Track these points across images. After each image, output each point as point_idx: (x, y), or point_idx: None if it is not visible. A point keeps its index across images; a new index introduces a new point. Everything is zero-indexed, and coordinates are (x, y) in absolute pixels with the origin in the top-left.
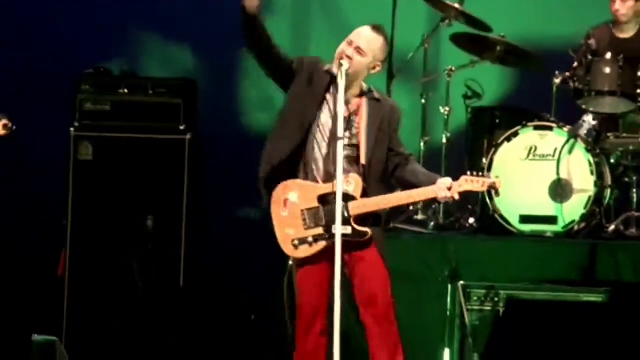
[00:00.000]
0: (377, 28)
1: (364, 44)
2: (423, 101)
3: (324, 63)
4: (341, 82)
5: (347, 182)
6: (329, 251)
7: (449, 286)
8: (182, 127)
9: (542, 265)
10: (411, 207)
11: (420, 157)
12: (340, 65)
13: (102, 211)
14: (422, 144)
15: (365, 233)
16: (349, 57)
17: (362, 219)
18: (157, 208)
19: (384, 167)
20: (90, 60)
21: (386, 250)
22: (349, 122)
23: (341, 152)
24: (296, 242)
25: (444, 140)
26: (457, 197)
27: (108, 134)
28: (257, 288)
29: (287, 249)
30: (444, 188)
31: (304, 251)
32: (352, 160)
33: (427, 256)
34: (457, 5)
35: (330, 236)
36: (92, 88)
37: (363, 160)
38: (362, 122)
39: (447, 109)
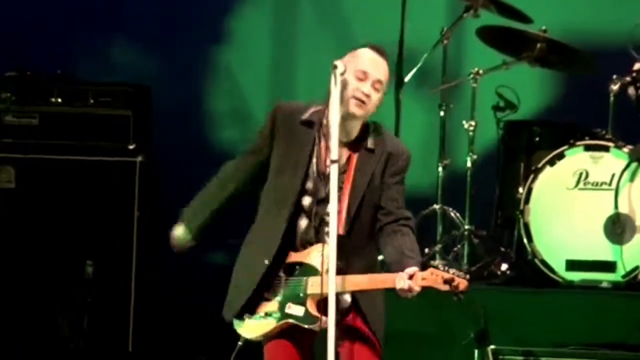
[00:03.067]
0: (382, 51)
1: (383, 76)
2: (442, 114)
3: (303, 108)
4: (335, 90)
5: (317, 254)
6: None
7: (476, 352)
8: (131, 147)
9: (595, 325)
10: (426, 250)
11: (438, 186)
12: (335, 67)
13: (26, 253)
14: (440, 169)
15: (316, 320)
16: (367, 96)
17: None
18: (98, 250)
19: (370, 237)
20: (12, 60)
21: (395, 305)
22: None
23: (335, 177)
24: (245, 315)
25: (469, 164)
26: (417, 289)
27: (35, 155)
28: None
29: (228, 317)
30: (405, 276)
31: (248, 328)
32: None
33: (447, 313)
34: None
35: (282, 315)
36: (14, 96)
37: (340, 230)
38: (348, 183)
39: (473, 123)
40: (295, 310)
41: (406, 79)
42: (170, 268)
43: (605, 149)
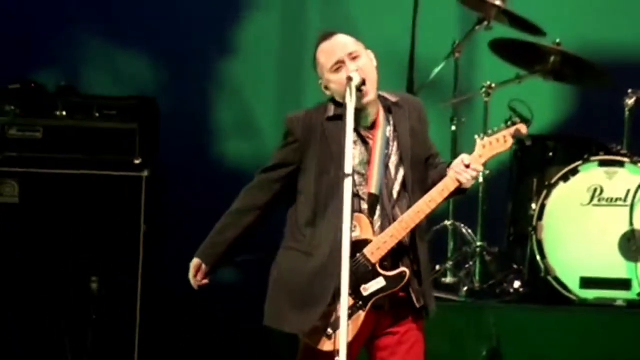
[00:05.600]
0: (330, 33)
1: (348, 47)
2: (453, 128)
3: (317, 109)
4: (350, 103)
5: (364, 226)
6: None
7: None
8: (137, 161)
9: (610, 344)
10: (437, 267)
11: (450, 202)
12: (350, 80)
13: (29, 269)
14: None
15: (402, 274)
16: (357, 71)
17: (396, 259)
18: (104, 267)
19: (423, 185)
20: (16, 72)
21: None
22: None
23: (349, 191)
24: (330, 331)
25: (481, 180)
26: (482, 169)
27: (39, 170)
28: None
29: (317, 341)
30: (462, 169)
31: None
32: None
33: (458, 331)
34: (498, 3)
35: (364, 301)
36: (19, 109)
37: (373, 189)
38: (376, 142)
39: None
40: (374, 285)
41: (417, 92)
42: (177, 285)
43: (620, 164)
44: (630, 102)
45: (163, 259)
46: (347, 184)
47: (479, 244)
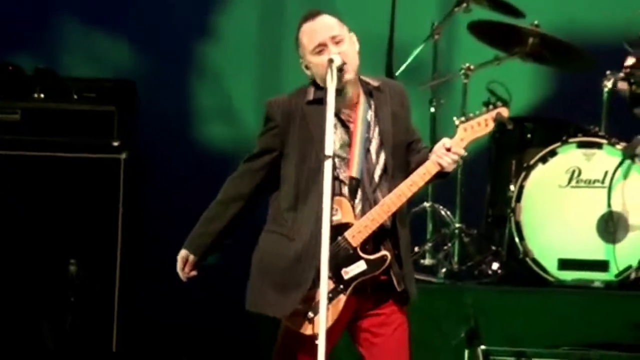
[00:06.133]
0: (315, 12)
1: (332, 29)
2: (432, 110)
3: (297, 93)
4: (331, 84)
5: (345, 209)
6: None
7: (466, 352)
8: (116, 143)
9: (588, 325)
10: (416, 248)
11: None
12: (331, 62)
13: (7, 252)
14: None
15: (384, 258)
16: (339, 54)
17: (377, 243)
18: (82, 249)
19: (405, 170)
20: None
21: None
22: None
23: (329, 173)
24: (311, 314)
25: (460, 161)
26: (463, 152)
27: (17, 152)
28: (214, 353)
29: (298, 325)
30: (443, 152)
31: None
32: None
33: (437, 313)
34: None
35: (345, 285)
36: None
37: (354, 173)
38: (357, 125)
39: (464, 119)
40: (354, 269)
41: (396, 74)
42: (156, 266)
43: (598, 146)
44: (608, 83)
45: (141, 241)
46: (327, 166)
47: (457, 225)
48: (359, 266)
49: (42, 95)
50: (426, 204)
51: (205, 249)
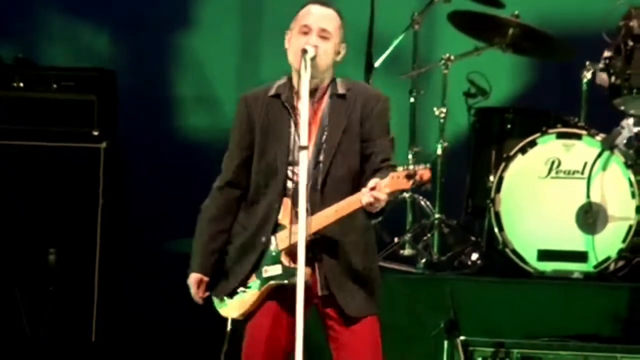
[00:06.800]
0: (324, 2)
1: (326, 23)
2: (412, 100)
3: (266, 88)
4: (305, 74)
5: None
6: (279, 301)
7: (445, 342)
8: (96, 133)
9: (567, 316)
10: (395, 239)
11: None
12: (304, 52)
13: None
14: (410, 156)
15: (294, 270)
16: (315, 47)
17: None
18: (61, 238)
19: (352, 183)
20: None
21: None
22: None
23: (305, 164)
24: (227, 298)
25: (439, 152)
26: (382, 196)
27: None
28: (192, 343)
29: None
30: (366, 190)
31: (232, 307)
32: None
33: (416, 303)
34: None
35: (262, 281)
36: None
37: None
38: (312, 129)
39: (444, 110)
40: (272, 270)
41: (376, 65)
42: (135, 256)
43: (578, 137)
44: (588, 74)
45: (121, 231)
46: (303, 157)
47: (437, 216)
48: (277, 269)
49: (21, 85)
50: (406, 195)
51: (214, 265)
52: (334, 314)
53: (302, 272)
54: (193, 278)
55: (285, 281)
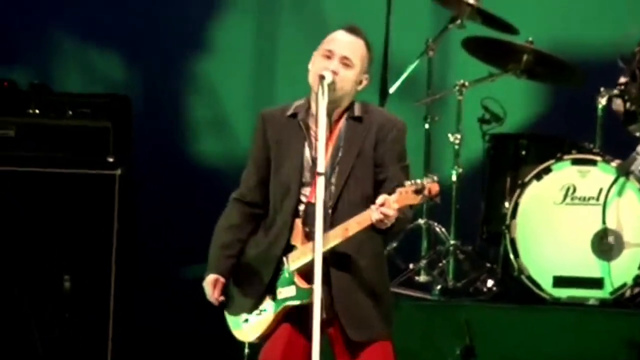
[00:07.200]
0: (354, 30)
1: (349, 52)
2: (426, 126)
3: (286, 107)
4: (322, 100)
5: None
6: (297, 325)
7: None
8: (111, 159)
9: (583, 343)
10: (410, 266)
11: None
12: (322, 78)
13: (1, 267)
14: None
15: (309, 291)
16: (335, 73)
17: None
18: (76, 265)
19: (366, 208)
20: None
21: None
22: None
23: (322, 190)
24: (247, 319)
25: (454, 178)
26: (391, 213)
27: (11, 168)
28: None
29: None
30: (375, 207)
31: (249, 331)
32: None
33: (431, 330)
34: (471, 1)
35: (277, 303)
36: None
37: (313, 198)
38: (328, 151)
39: (458, 136)
40: (287, 292)
41: (390, 91)
42: (150, 284)
43: (593, 163)
44: (603, 100)
45: (137, 257)
46: (320, 183)
47: (452, 242)
48: (291, 290)
49: (36, 111)
50: (421, 221)
51: (232, 269)
52: (341, 339)
53: (318, 292)
54: (209, 279)
55: (299, 302)
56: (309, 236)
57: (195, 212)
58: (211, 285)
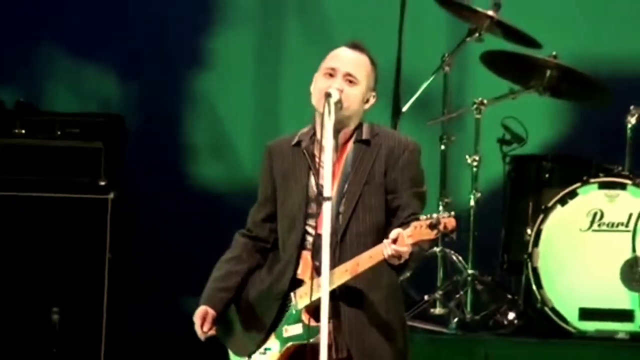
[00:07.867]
0: (357, 46)
1: (353, 68)
2: (442, 147)
3: (290, 136)
4: (328, 120)
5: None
6: None
7: None
8: (102, 183)
9: None
10: (425, 297)
11: None
12: (328, 96)
13: None
14: (441, 207)
15: (316, 328)
16: (340, 90)
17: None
18: (66, 296)
19: (378, 238)
20: None
21: None
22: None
23: (328, 215)
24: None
25: (472, 203)
26: (405, 249)
27: None
28: None
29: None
30: (388, 242)
31: None
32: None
33: None
34: (491, 13)
35: (282, 342)
36: None
37: (320, 229)
38: (335, 178)
39: (477, 158)
40: (293, 329)
41: (404, 109)
42: (144, 317)
43: (622, 186)
44: (632, 119)
45: (130, 288)
46: (326, 208)
47: (470, 272)
48: (297, 329)
49: (22, 131)
50: (436, 249)
51: (226, 303)
52: None
53: (325, 330)
54: (198, 311)
55: (306, 341)
56: (318, 270)
57: (193, 240)
58: (200, 318)
